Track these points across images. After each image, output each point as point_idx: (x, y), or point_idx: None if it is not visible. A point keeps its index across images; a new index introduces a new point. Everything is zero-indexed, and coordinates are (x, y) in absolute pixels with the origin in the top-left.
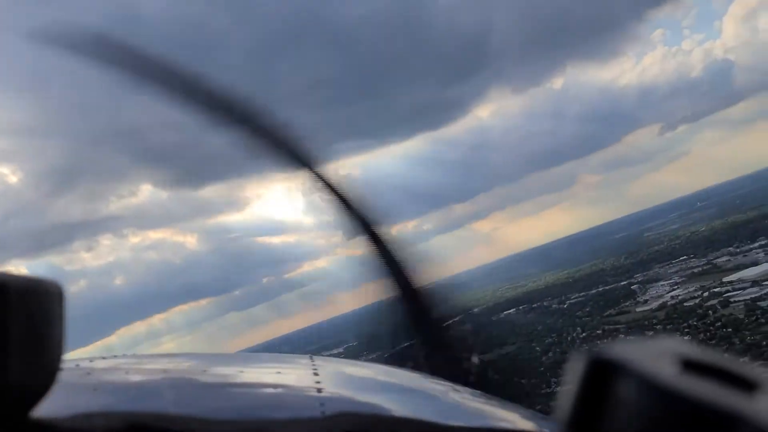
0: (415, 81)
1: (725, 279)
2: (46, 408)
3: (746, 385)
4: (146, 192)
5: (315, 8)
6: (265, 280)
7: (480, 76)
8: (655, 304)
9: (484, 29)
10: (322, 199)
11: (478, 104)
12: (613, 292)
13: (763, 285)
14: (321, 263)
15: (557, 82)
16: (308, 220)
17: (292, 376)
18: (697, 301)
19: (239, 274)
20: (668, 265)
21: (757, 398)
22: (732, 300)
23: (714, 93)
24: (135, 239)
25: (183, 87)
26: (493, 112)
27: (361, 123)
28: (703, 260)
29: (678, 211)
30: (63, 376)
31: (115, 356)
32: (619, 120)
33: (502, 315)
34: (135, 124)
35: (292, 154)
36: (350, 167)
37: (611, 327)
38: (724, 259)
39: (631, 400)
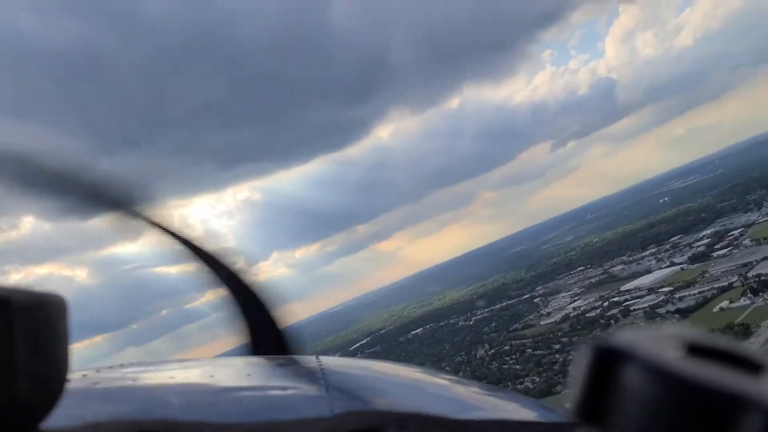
0: (315, 102)
1: (622, 288)
2: (55, 420)
3: (752, 367)
4: (28, 224)
5: (210, 28)
6: (164, 312)
7: (379, 96)
8: (558, 317)
9: (382, 50)
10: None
11: (379, 124)
12: (517, 305)
13: (658, 292)
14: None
15: (454, 102)
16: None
17: (299, 376)
18: (598, 311)
19: (136, 307)
20: (567, 276)
21: (763, 380)
22: (632, 309)
23: (599, 110)
24: (17, 275)
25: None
26: (394, 132)
27: (260, 145)
28: (600, 270)
29: (571, 224)
30: (70, 388)
31: (122, 365)
32: (514, 138)
33: (410, 335)
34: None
35: (107, 199)
36: (250, 190)
37: (518, 342)
38: (619, 267)
39: (638, 386)
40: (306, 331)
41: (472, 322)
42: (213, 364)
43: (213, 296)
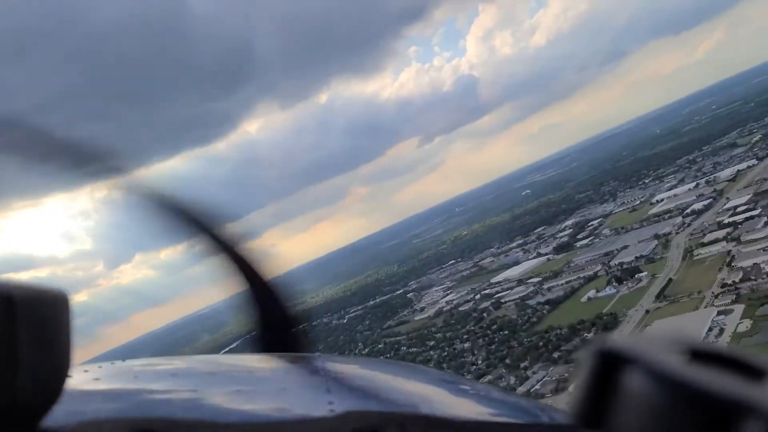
0: (177, 94)
1: (493, 280)
2: (56, 416)
3: (754, 373)
4: None
5: (57, 8)
6: None
7: (246, 89)
8: (432, 311)
9: (248, 41)
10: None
11: (247, 119)
12: (390, 301)
13: (528, 283)
14: (81, 297)
15: (323, 97)
16: (63, 251)
17: (301, 375)
18: (471, 304)
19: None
20: (439, 270)
21: (765, 386)
22: (503, 301)
23: (463, 106)
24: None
25: None
26: (262, 127)
27: (116, 141)
28: (470, 263)
29: (440, 217)
30: (72, 383)
31: (124, 361)
32: (383, 133)
33: None
34: None
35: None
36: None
37: (392, 339)
38: (489, 260)
39: (640, 391)
40: (175, 334)
41: (345, 321)
42: (214, 362)
43: (228, 287)
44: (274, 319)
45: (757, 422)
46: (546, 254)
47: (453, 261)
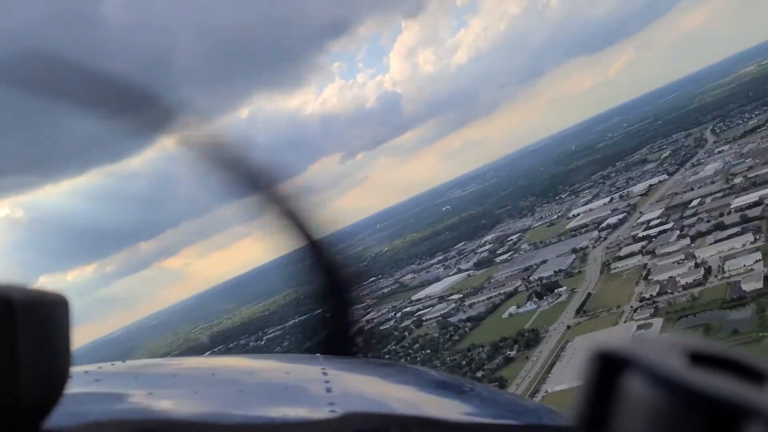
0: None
1: (414, 297)
2: (57, 418)
3: (755, 376)
4: None
5: None
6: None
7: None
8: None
9: (165, 53)
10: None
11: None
12: (311, 321)
13: (449, 300)
14: None
15: (244, 112)
16: None
17: (301, 376)
18: (392, 323)
19: None
20: (359, 287)
21: (766, 388)
22: (425, 319)
23: (386, 123)
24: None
25: None
26: (179, 142)
27: (16, 157)
28: (391, 280)
29: (361, 233)
30: (72, 385)
31: (124, 362)
32: (306, 149)
33: None
34: None
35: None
36: (11, 207)
37: None
38: (410, 276)
39: (641, 394)
40: (84, 359)
41: (263, 342)
42: (215, 363)
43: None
44: (341, 325)
45: (758, 425)
46: (467, 270)
47: (373, 278)
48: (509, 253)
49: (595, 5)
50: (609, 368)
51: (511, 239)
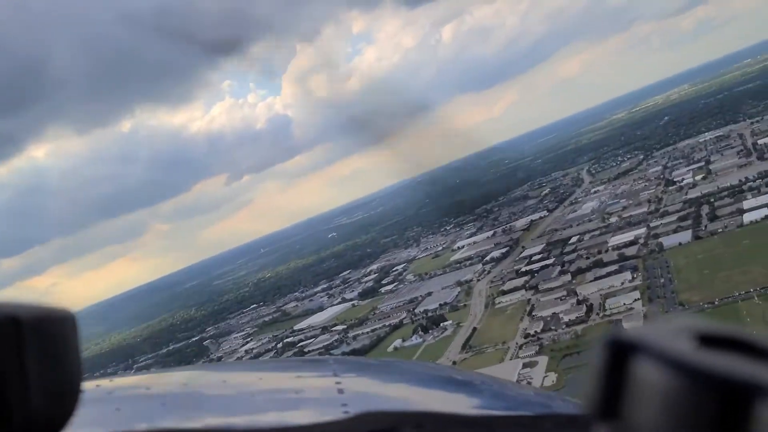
0: None
1: (296, 326)
2: None
3: (765, 355)
4: None
5: None
6: None
7: (35, 110)
8: (231, 360)
9: (40, 58)
10: None
11: (34, 142)
12: (185, 349)
13: (332, 331)
14: None
15: (126, 125)
16: None
17: (313, 379)
18: (272, 353)
19: None
20: (240, 314)
21: None
22: (307, 350)
23: (276, 146)
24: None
25: None
26: (52, 152)
27: None
28: (273, 307)
29: (244, 258)
30: (85, 399)
31: (136, 374)
32: (190, 168)
33: None
34: None
35: None
36: None
37: None
38: (293, 305)
39: (652, 378)
40: None
41: (132, 372)
42: (226, 369)
43: None
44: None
45: None
46: (351, 300)
47: (255, 305)
48: (394, 284)
49: (484, 45)
50: (619, 355)
51: (397, 269)
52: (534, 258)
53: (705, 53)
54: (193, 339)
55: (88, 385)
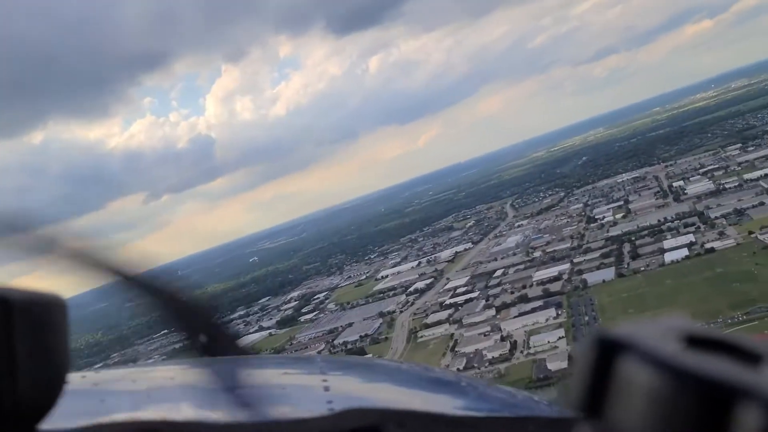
0: None
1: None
2: (54, 421)
3: (751, 358)
4: None
5: None
6: None
7: None
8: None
9: None
10: None
11: None
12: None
13: None
14: None
15: (38, 137)
16: None
17: (299, 375)
18: None
19: None
20: (149, 341)
21: (762, 371)
22: None
23: (197, 166)
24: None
25: None
26: None
27: None
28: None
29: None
30: (70, 388)
31: (122, 365)
32: (106, 185)
33: None
34: None
35: None
36: None
37: None
38: None
39: (638, 378)
40: None
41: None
42: (212, 363)
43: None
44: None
45: (754, 407)
46: (268, 328)
47: (164, 332)
48: (315, 313)
49: (410, 78)
50: (606, 353)
51: (318, 297)
52: (458, 291)
53: (616, 99)
54: (97, 366)
55: (73, 376)
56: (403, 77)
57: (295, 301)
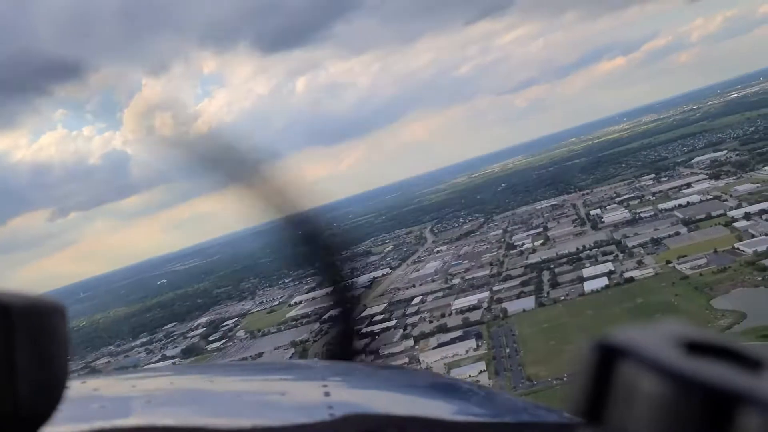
0: None
1: None
2: (54, 427)
3: (751, 364)
4: None
5: None
6: None
7: None
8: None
9: None
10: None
11: None
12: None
13: None
14: None
15: None
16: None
17: (300, 381)
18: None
19: None
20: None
21: (762, 377)
22: None
23: (110, 183)
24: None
25: None
26: None
27: None
28: (81, 363)
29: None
30: (70, 394)
31: (123, 372)
32: (8, 200)
33: None
34: None
35: None
36: None
37: None
38: (104, 361)
39: (638, 384)
40: None
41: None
42: (212, 369)
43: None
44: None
45: (754, 413)
46: (172, 357)
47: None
48: (223, 341)
49: (337, 101)
50: (606, 359)
51: (228, 324)
52: (375, 319)
53: (535, 129)
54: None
55: (72, 381)
56: (331, 99)
57: (203, 327)
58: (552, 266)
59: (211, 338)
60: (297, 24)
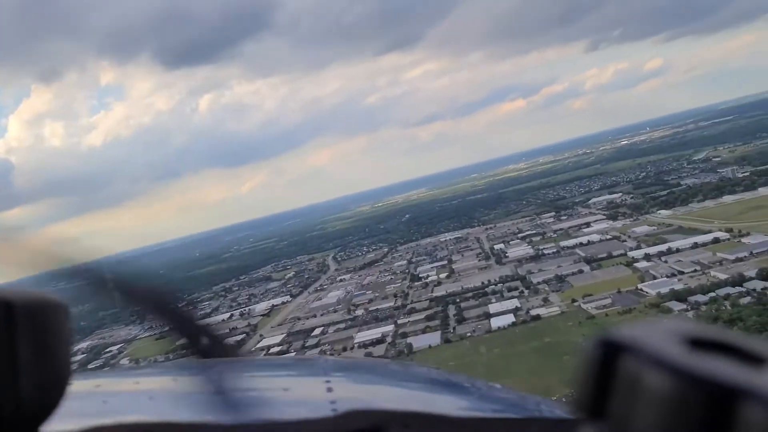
0: None
1: None
2: (57, 423)
3: (754, 359)
4: None
5: None
6: None
7: None
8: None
9: None
10: None
11: None
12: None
13: None
14: None
15: None
16: None
17: (302, 377)
18: None
19: None
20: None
21: (765, 372)
22: None
23: None
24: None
25: None
26: None
27: None
28: None
29: None
30: (73, 390)
31: (126, 368)
32: None
33: None
34: None
35: None
36: None
37: None
38: None
39: (641, 379)
40: None
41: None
42: (215, 365)
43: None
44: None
45: (756, 407)
46: None
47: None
48: (106, 369)
49: (241, 122)
50: (609, 355)
51: (111, 351)
52: (272, 350)
53: (439, 163)
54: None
55: (75, 377)
56: (234, 120)
57: (83, 353)
58: (458, 300)
59: (90, 366)
60: (204, 39)
